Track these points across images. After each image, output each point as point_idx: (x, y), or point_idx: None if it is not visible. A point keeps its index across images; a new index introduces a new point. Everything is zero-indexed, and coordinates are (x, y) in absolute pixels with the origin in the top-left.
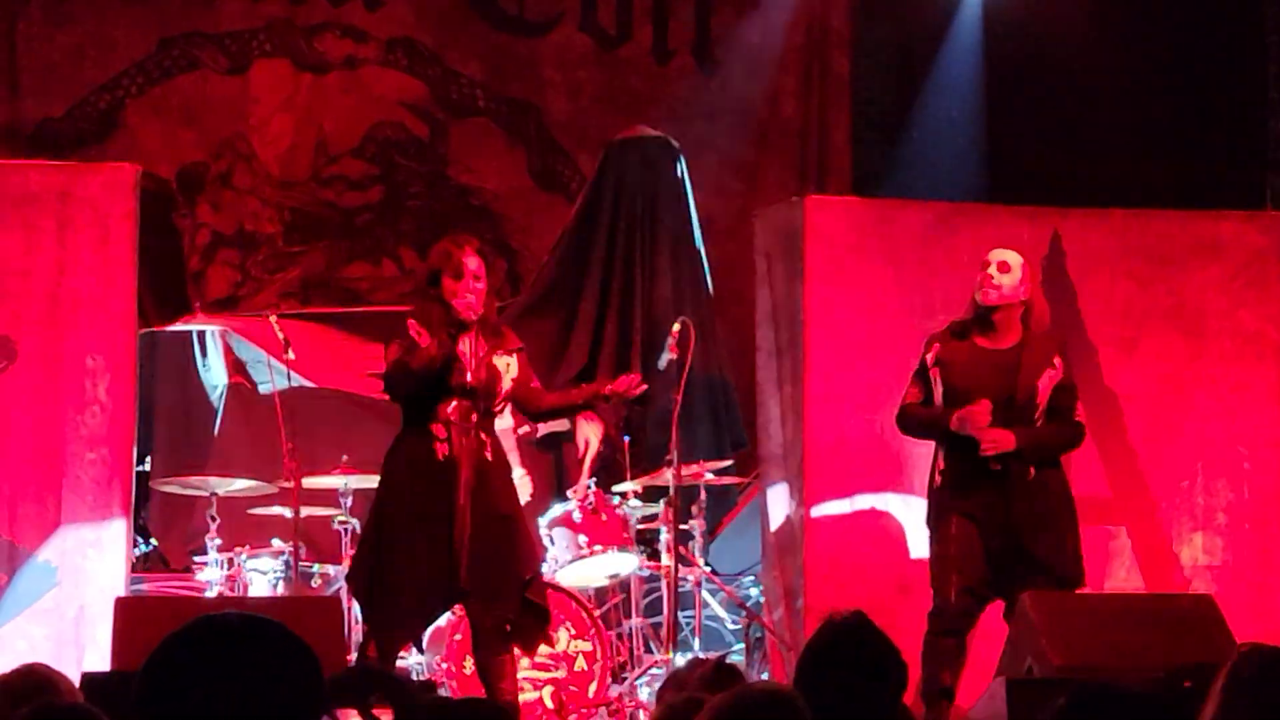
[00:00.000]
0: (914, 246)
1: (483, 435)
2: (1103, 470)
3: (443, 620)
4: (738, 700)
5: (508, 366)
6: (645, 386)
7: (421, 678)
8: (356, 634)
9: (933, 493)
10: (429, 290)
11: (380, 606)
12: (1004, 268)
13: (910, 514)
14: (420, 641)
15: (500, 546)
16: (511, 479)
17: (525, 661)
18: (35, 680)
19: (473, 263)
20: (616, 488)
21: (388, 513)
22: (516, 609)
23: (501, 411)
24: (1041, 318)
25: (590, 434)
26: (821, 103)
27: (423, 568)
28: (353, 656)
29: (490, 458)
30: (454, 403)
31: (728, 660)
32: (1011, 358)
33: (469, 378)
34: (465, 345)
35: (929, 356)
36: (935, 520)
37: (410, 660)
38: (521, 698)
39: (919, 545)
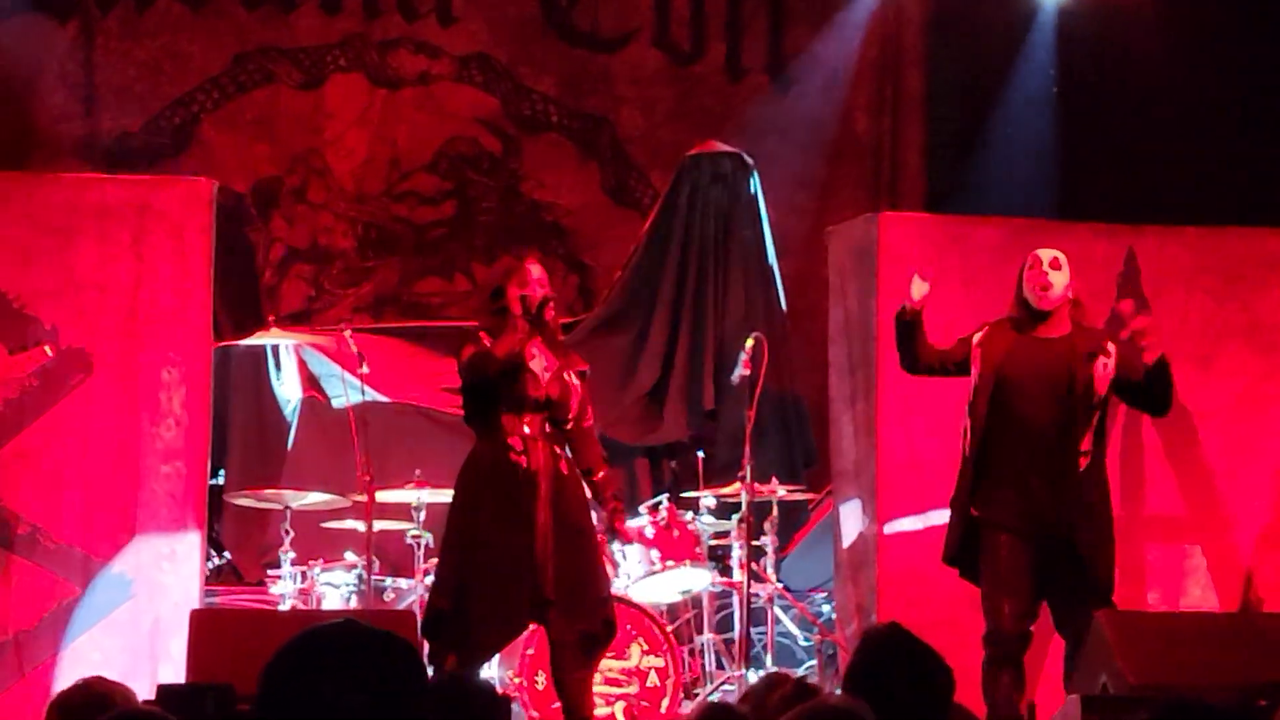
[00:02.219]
0: (987, 263)
1: (556, 448)
2: (1177, 488)
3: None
4: (810, 714)
5: (579, 388)
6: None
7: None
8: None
9: (960, 502)
10: (494, 305)
11: (464, 620)
12: (1056, 264)
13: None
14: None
15: (579, 560)
16: (584, 492)
17: (598, 677)
18: (93, 695)
19: (535, 270)
20: (685, 494)
21: (468, 526)
22: (599, 624)
23: (573, 426)
24: (1090, 315)
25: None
26: (895, 119)
27: (507, 581)
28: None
29: (565, 471)
30: (528, 415)
31: (806, 680)
32: (1063, 346)
33: (542, 391)
34: (537, 360)
35: (977, 336)
36: (972, 540)
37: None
38: (594, 712)
39: None
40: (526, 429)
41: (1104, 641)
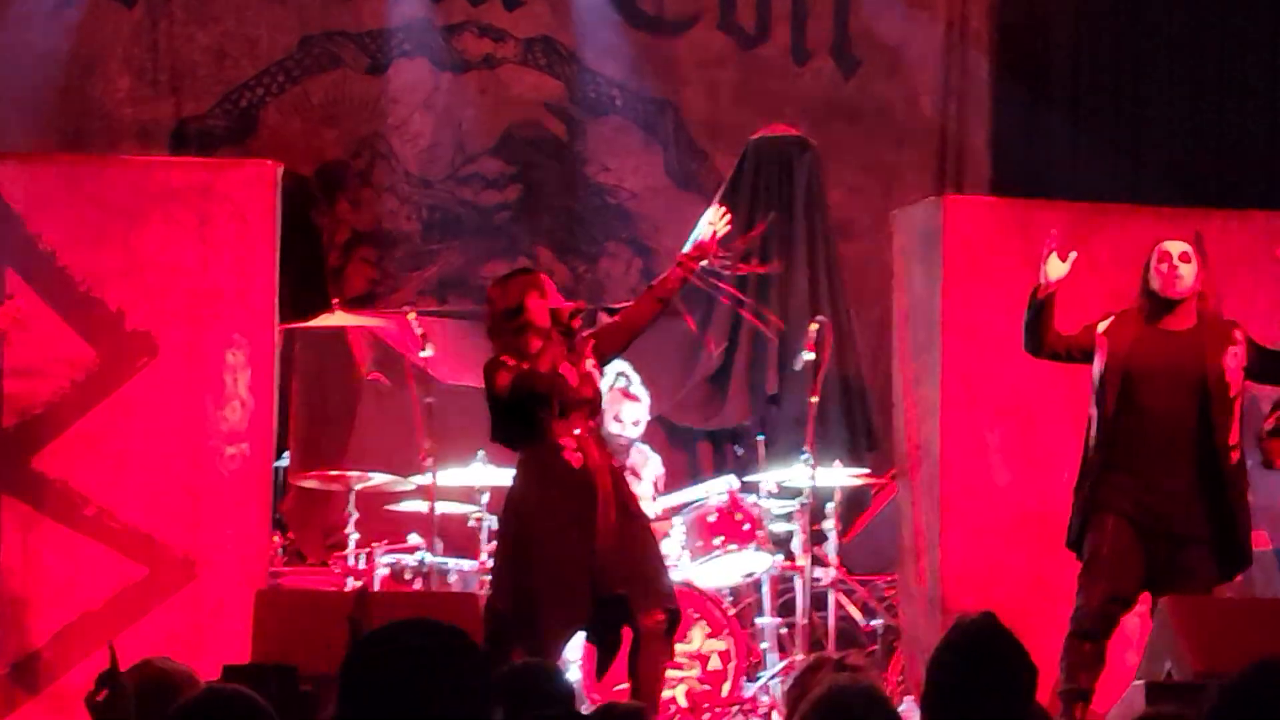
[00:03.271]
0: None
1: (601, 443)
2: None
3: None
4: (828, 693)
5: (593, 366)
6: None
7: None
8: None
9: (1085, 489)
10: (511, 323)
11: (526, 621)
12: (1185, 257)
13: (1046, 515)
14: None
15: (647, 549)
16: (626, 483)
17: None
18: (152, 674)
19: (549, 282)
20: (748, 477)
21: (525, 531)
22: (674, 599)
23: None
24: (1216, 306)
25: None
26: (960, 103)
27: (570, 582)
28: None
29: (615, 464)
30: (574, 418)
31: (845, 659)
32: (1191, 338)
33: (588, 391)
34: (563, 365)
35: (1102, 325)
36: (1089, 514)
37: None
38: None
39: (1056, 546)
40: (576, 430)
41: (1168, 627)
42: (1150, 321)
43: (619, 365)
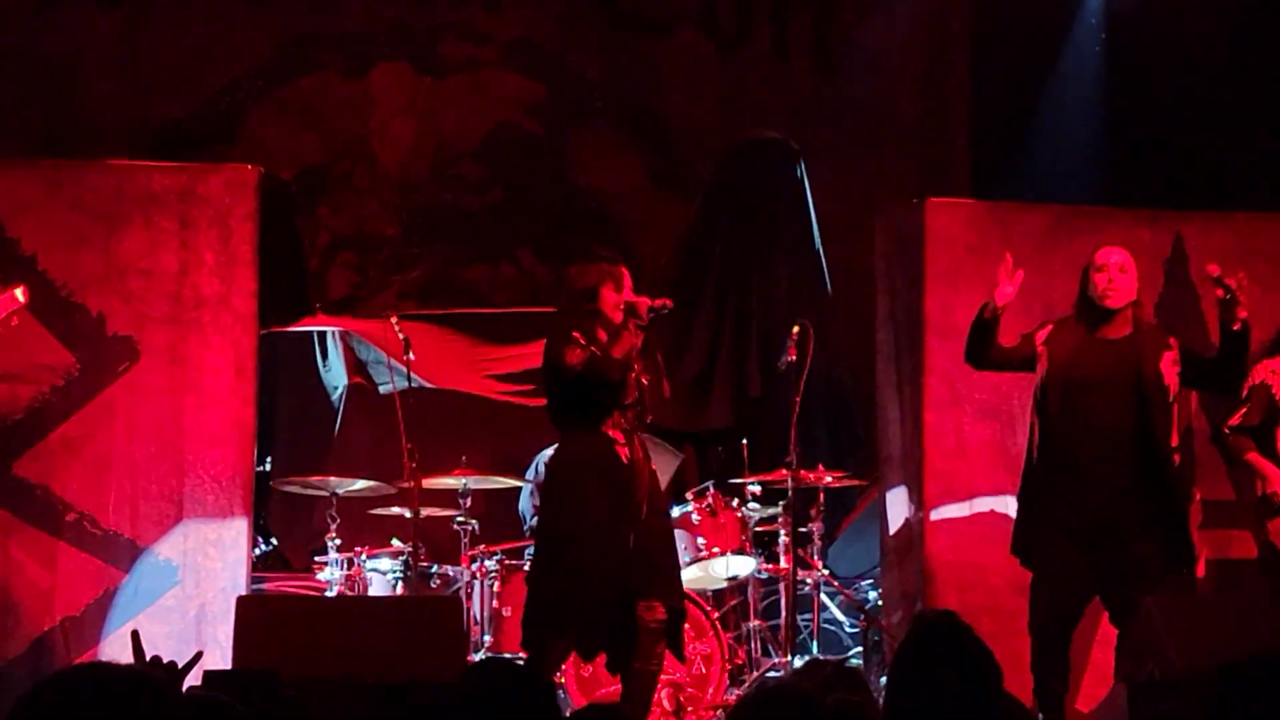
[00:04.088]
0: (1034, 249)
1: (643, 441)
2: (1225, 475)
3: None
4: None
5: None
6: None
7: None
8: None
9: (1028, 496)
10: (585, 305)
11: (565, 610)
12: (1123, 268)
13: None
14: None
15: (667, 546)
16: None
17: None
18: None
19: (629, 280)
20: (733, 481)
21: (574, 518)
22: (681, 599)
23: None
24: (1150, 313)
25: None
26: (941, 105)
27: (610, 572)
28: (473, 656)
29: (649, 460)
30: (626, 411)
31: (846, 663)
32: (1128, 346)
33: (647, 392)
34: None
35: (1040, 333)
36: (1033, 535)
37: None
38: None
39: None
40: (624, 423)
41: (1153, 627)
42: (1089, 330)
43: None
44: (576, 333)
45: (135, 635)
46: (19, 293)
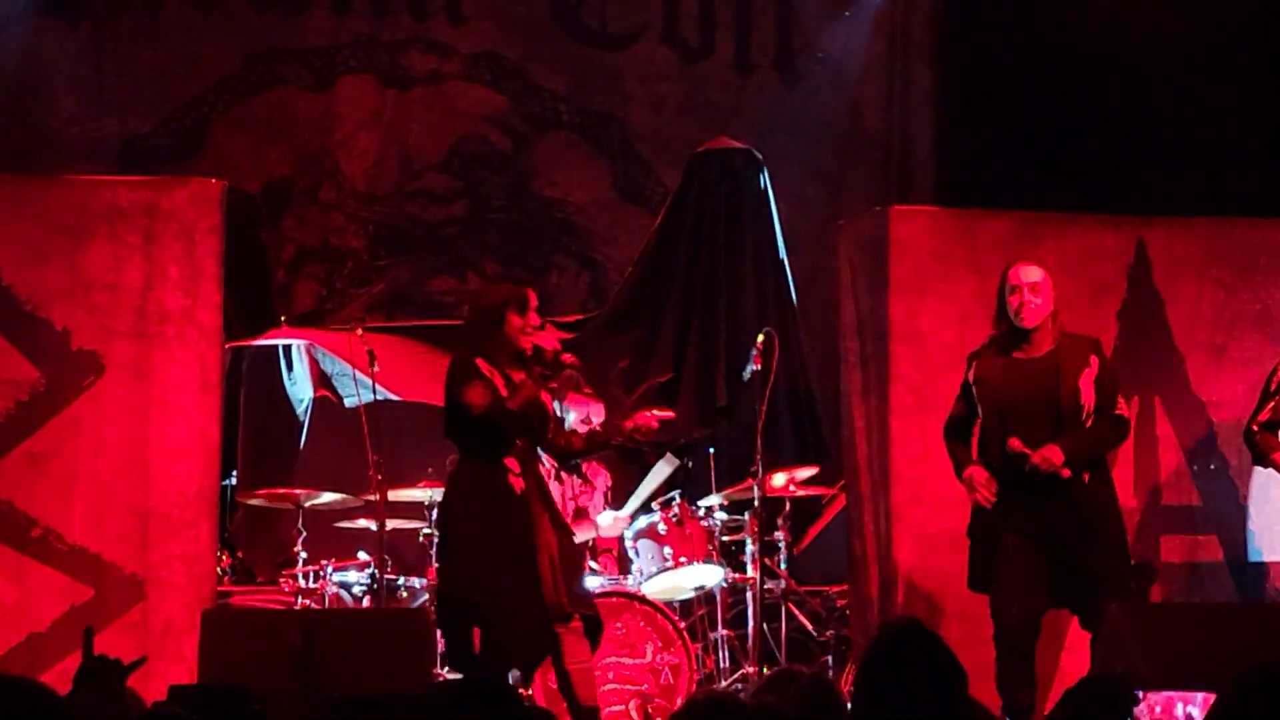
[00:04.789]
0: (998, 255)
1: (539, 465)
2: (1191, 479)
3: None
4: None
5: (554, 408)
6: (657, 423)
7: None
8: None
9: (979, 512)
10: (493, 328)
11: (496, 631)
12: (1037, 289)
13: None
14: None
15: (573, 559)
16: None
17: (611, 674)
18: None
19: (535, 302)
20: (702, 501)
21: (471, 545)
22: (593, 606)
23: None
24: (1066, 321)
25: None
26: (904, 113)
27: (526, 598)
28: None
29: (549, 490)
30: (523, 440)
31: (820, 674)
32: (1048, 364)
33: (550, 428)
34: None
35: (970, 375)
36: (988, 538)
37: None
38: (608, 710)
39: None
40: (522, 449)
41: (1120, 632)
42: (1009, 350)
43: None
44: (481, 360)
45: (87, 632)
46: None
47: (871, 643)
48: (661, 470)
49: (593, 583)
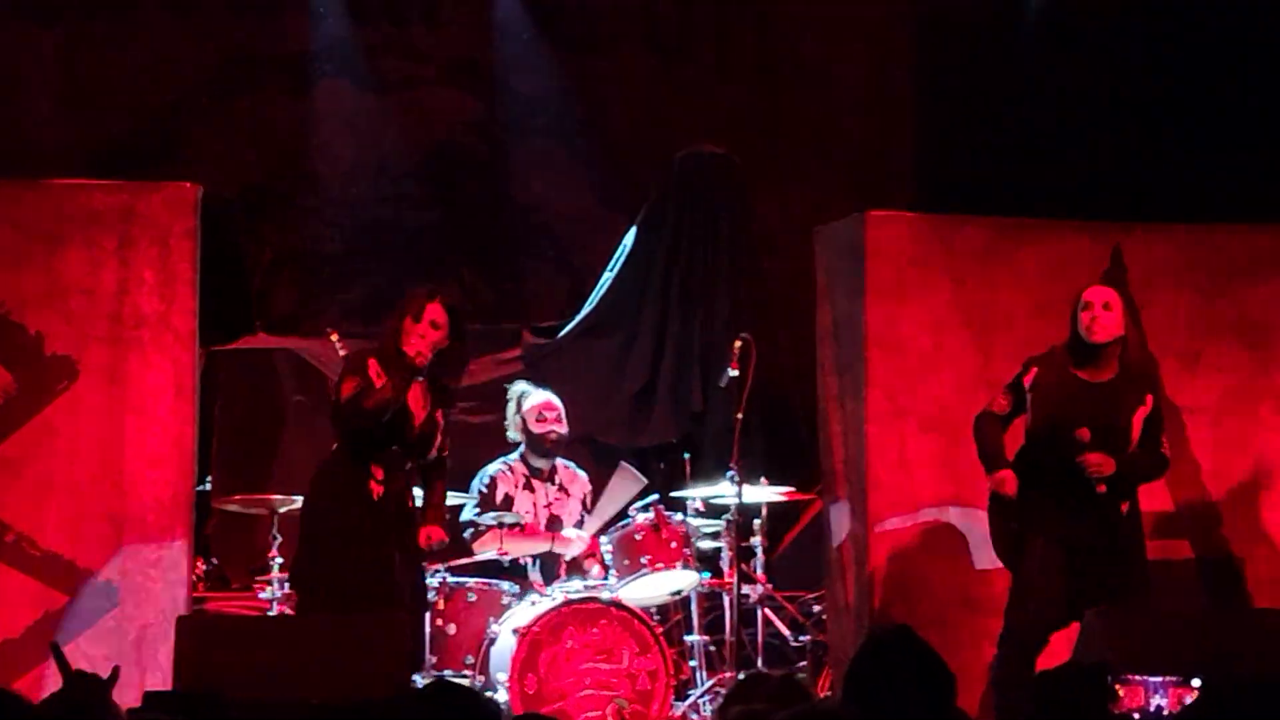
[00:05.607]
0: (975, 262)
1: (411, 480)
2: (1165, 484)
3: (504, 638)
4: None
5: (442, 425)
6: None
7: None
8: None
9: (1018, 504)
10: (391, 330)
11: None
12: (1110, 306)
13: (973, 528)
14: None
15: (416, 570)
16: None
17: (587, 680)
18: None
19: (435, 313)
20: (675, 494)
21: (325, 541)
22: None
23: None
24: (1134, 351)
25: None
26: (884, 118)
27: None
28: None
29: (411, 505)
30: (394, 447)
31: (791, 675)
32: (1108, 391)
33: (415, 432)
34: (415, 399)
35: (1026, 379)
36: (1020, 538)
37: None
38: (585, 715)
39: (983, 559)
40: (391, 459)
41: (1095, 637)
42: (1075, 366)
43: (520, 385)
44: (374, 359)
45: (54, 647)
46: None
47: (860, 649)
48: (626, 488)
49: (570, 587)
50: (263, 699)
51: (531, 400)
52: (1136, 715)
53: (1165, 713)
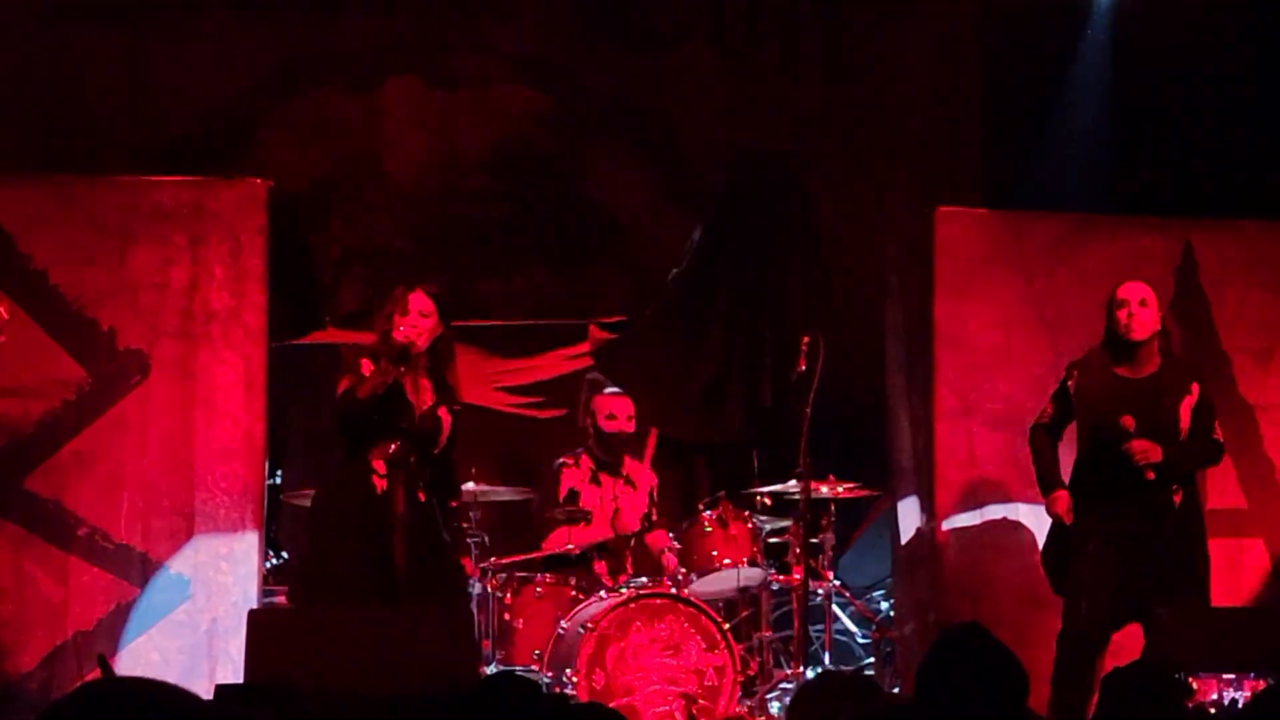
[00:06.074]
0: (1044, 259)
1: (419, 477)
2: (1237, 482)
3: (572, 634)
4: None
5: (449, 422)
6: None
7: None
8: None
9: (1075, 518)
10: (382, 327)
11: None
12: (1146, 302)
13: (1041, 525)
14: None
15: (431, 575)
16: (438, 515)
17: (654, 675)
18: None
19: (420, 303)
20: (742, 492)
21: (324, 537)
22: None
23: (441, 456)
24: (1176, 343)
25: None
26: (952, 114)
27: (366, 599)
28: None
29: (422, 498)
30: (396, 443)
31: (863, 672)
32: (1150, 386)
33: (415, 423)
34: (413, 391)
35: (1070, 384)
36: (1074, 540)
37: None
38: (652, 711)
39: None
40: (393, 454)
41: (1166, 636)
42: (1115, 365)
43: (594, 379)
44: (365, 358)
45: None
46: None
47: (933, 646)
48: None
49: (637, 582)
50: (333, 692)
51: (603, 397)
52: (1212, 711)
53: (1237, 709)
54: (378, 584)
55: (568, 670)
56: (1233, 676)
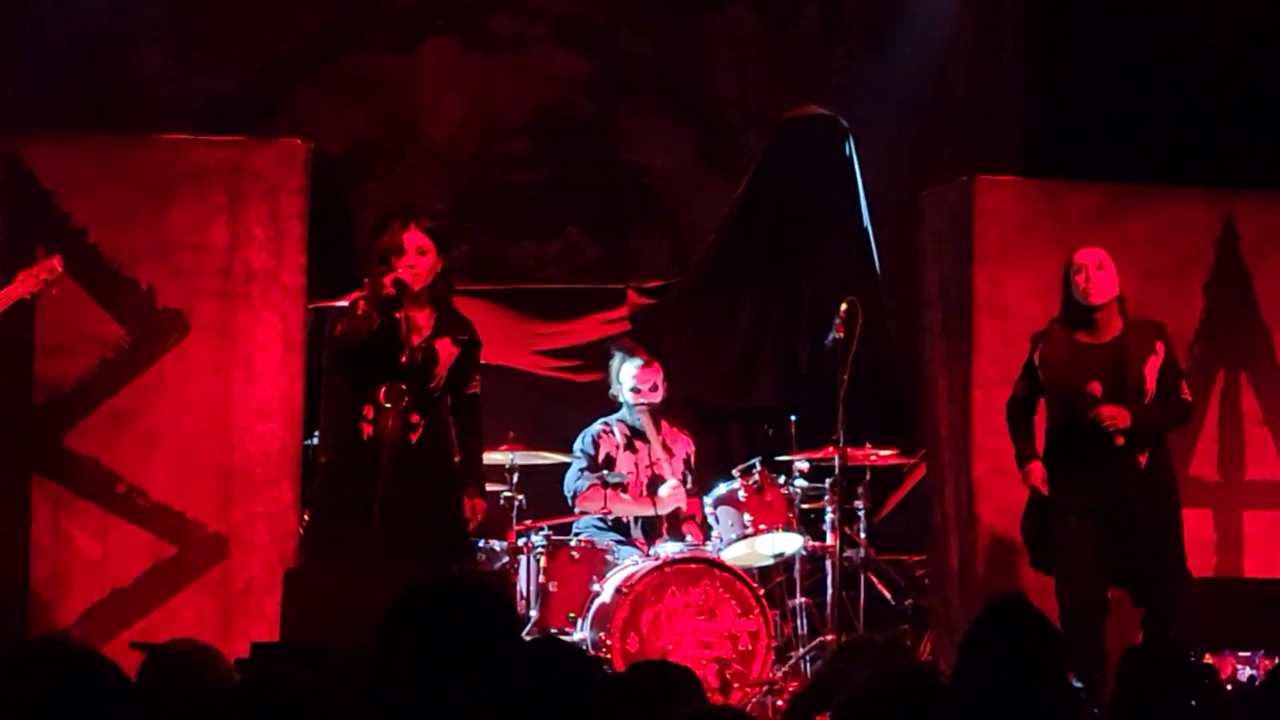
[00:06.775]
0: (1085, 227)
1: (413, 417)
2: (1276, 454)
3: (607, 597)
4: (878, 678)
5: (451, 354)
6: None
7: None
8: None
9: (1050, 490)
10: (379, 269)
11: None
12: (1104, 266)
13: None
14: None
15: (420, 517)
16: (443, 459)
17: (689, 639)
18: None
19: (417, 240)
20: (779, 458)
21: (323, 495)
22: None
23: (440, 394)
24: (1136, 306)
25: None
26: (992, 81)
27: (352, 551)
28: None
29: (415, 440)
30: (386, 385)
31: (897, 637)
32: (1115, 349)
33: (404, 358)
34: (407, 325)
35: (1035, 356)
36: (1050, 518)
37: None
38: None
39: None
40: (382, 398)
41: (1199, 609)
42: (1076, 331)
43: (619, 349)
44: (361, 302)
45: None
46: (56, 262)
47: (978, 617)
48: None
49: (672, 548)
50: (368, 651)
51: (631, 368)
52: (1229, 687)
53: (1255, 684)
54: (357, 531)
55: (602, 633)
56: (1249, 655)
